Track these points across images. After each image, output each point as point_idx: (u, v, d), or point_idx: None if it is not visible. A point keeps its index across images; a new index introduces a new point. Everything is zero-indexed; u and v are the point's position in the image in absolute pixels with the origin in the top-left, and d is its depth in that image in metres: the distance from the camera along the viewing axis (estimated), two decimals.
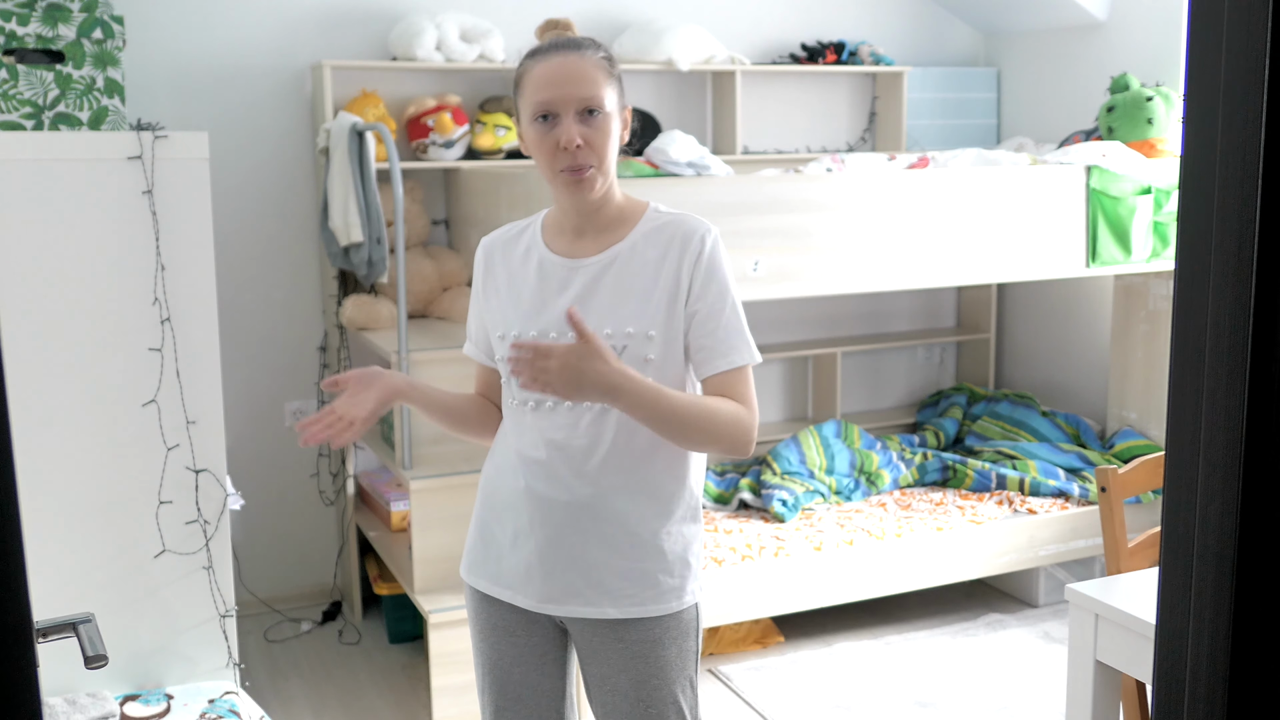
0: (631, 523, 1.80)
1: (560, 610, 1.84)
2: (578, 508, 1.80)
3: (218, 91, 3.88)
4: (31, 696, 0.67)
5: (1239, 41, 0.63)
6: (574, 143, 1.73)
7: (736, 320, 1.81)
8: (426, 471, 3.30)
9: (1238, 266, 0.64)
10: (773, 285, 3.35)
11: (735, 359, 1.79)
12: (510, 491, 1.85)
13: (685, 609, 1.85)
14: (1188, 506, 0.68)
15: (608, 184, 1.81)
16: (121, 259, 2.51)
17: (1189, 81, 0.66)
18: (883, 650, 3.74)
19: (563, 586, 1.82)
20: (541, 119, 1.76)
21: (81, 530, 2.54)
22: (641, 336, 1.77)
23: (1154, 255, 3.82)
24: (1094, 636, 2.17)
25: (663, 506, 1.82)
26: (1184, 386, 0.68)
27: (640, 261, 1.80)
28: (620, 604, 1.81)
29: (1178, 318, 0.68)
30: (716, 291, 1.78)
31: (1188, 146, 0.66)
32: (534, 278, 1.85)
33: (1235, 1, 0.63)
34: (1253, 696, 0.67)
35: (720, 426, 1.74)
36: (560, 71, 1.76)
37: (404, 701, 3.46)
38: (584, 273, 1.82)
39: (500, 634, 1.90)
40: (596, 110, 1.75)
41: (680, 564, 1.84)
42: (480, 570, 1.91)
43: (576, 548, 1.81)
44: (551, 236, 1.88)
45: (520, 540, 1.84)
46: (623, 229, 1.83)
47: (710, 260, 1.78)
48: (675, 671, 1.85)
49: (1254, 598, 0.66)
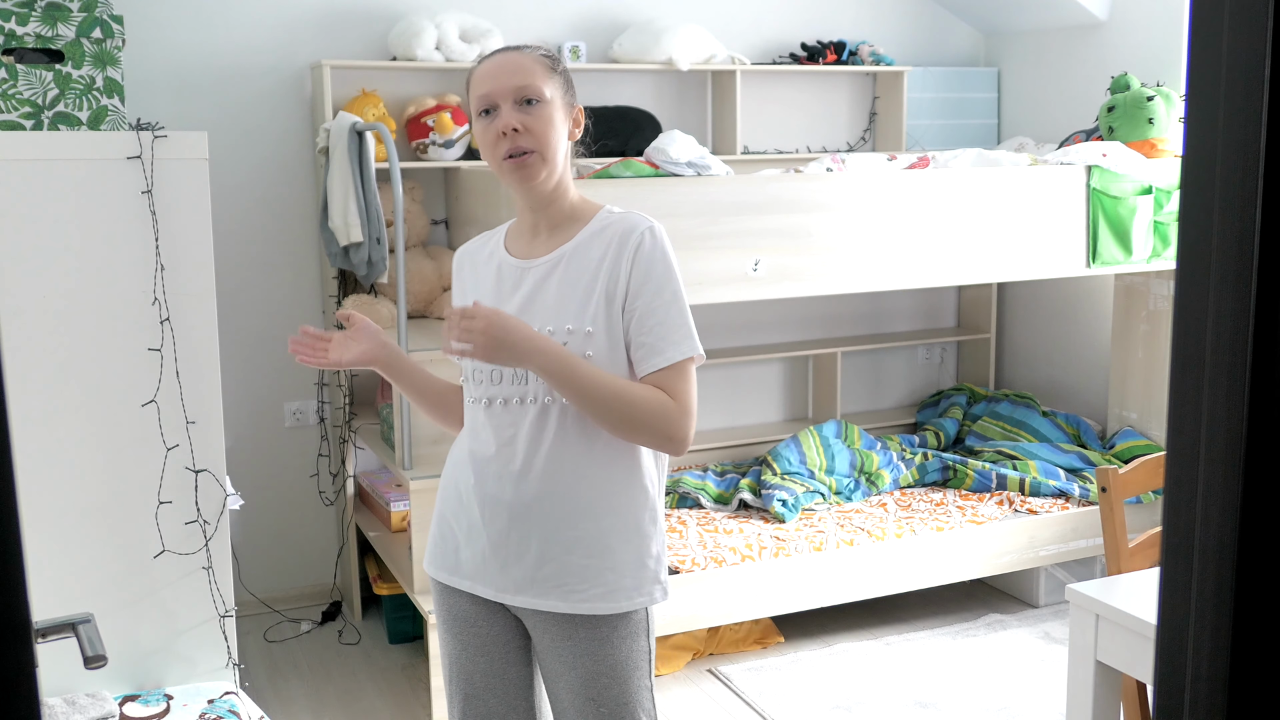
0: (578, 521, 1.83)
1: (514, 601, 1.87)
2: (524, 506, 1.84)
3: (217, 91, 3.88)
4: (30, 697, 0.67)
5: (1240, 41, 0.62)
6: (510, 126, 1.79)
7: (677, 315, 1.81)
8: (426, 471, 3.30)
9: (1239, 266, 0.64)
10: (773, 285, 3.35)
11: (672, 354, 1.80)
12: (464, 487, 1.91)
13: (635, 610, 1.86)
14: (1188, 506, 0.68)
15: (553, 175, 1.85)
16: (121, 259, 2.51)
17: (1190, 81, 0.66)
18: (883, 650, 3.73)
19: (515, 578, 1.86)
20: (484, 114, 1.83)
21: (81, 530, 2.54)
22: (581, 334, 1.80)
23: (1154, 255, 3.82)
24: (1094, 637, 2.17)
25: (610, 506, 1.84)
26: (1184, 386, 0.68)
27: (583, 260, 1.84)
28: (569, 599, 1.83)
29: (1178, 318, 0.68)
30: (654, 288, 1.80)
31: (1188, 146, 0.66)
32: (492, 280, 1.92)
33: (1236, 1, 0.63)
34: (1253, 697, 0.67)
35: (641, 412, 1.76)
36: (497, 66, 1.84)
37: (404, 702, 3.45)
38: (534, 273, 1.87)
39: (462, 624, 1.93)
40: (534, 99, 1.81)
41: (634, 565, 1.85)
42: (440, 562, 1.96)
43: (525, 543, 1.84)
44: (512, 240, 1.94)
45: (474, 533, 1.90)
46: (573, 229, 1.88)
47: (648, 256, 1.80)
48: (626, 671, 1.86)
49: (1255, 598, 0.66)
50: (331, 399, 4.09)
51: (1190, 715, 0.69)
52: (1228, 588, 0.66)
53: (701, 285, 3.22)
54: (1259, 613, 0.66)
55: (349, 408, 3.95)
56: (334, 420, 4.09)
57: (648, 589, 1.86)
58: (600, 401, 1.75)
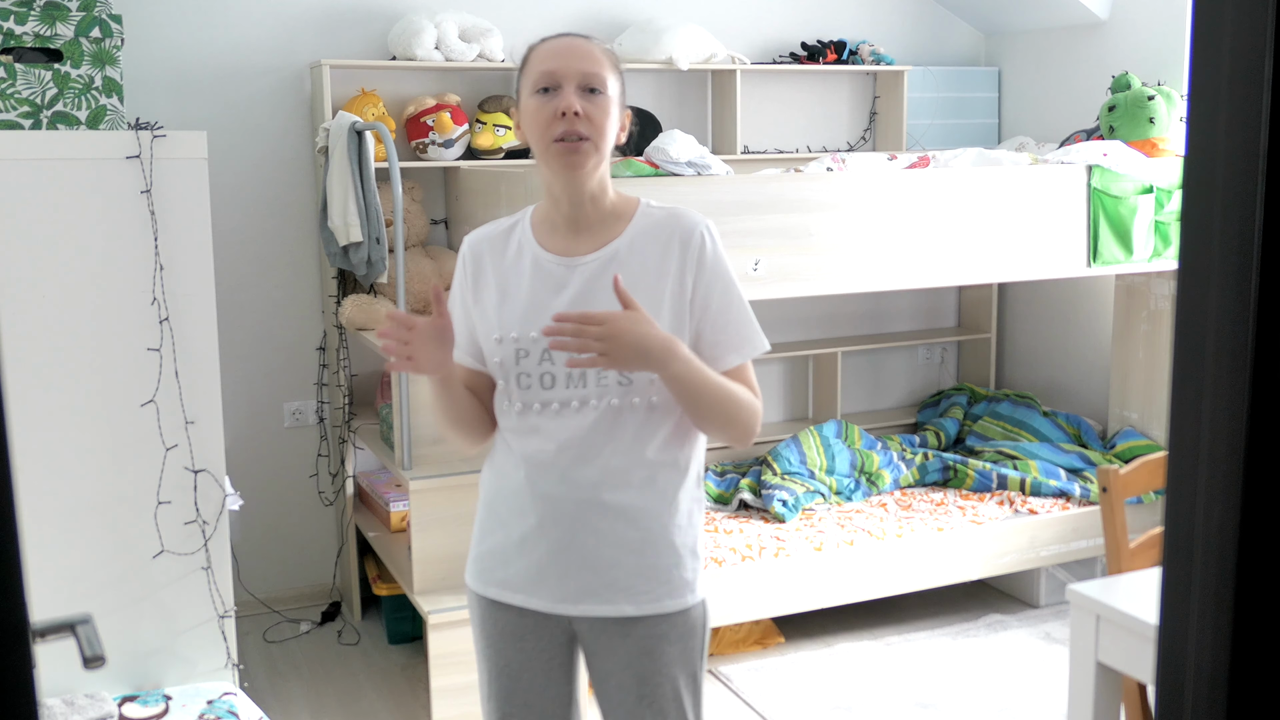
0: (641, 519, 1.79)
1: (575, 610, 1.82)
2: (588, 506, 1.78)
3: (216, 91, 3.88)
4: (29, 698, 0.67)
5: (1242, 40, 0.62)
6: (572, 108, 1.72)
7: (745, 312, 1.83)
8: (426, 472, 3.30)
9: (1240, 266, 0.63)
10: (773, 285, 3.35)
11: (747, 351, 1.82)
12: (515, 495, 1.83)
13: (695, 605, 1.85)
14: (1189, 507, 0.68)
15: (601, 168, 1.79)
16: (120, 259, 2.51)
17: (1191, 80, 0.66)
18: (883, 651, 3.73)
19: (578, 586, 1.80)
20: (542, 91, 1.75)
21: (80, 530, 2.54)
22: None
23: (1155, 255, 3.82)
24: (1095, 637, 2.16)
25: (668, 502, 1.81)
26: (1185, 386, 0.68)
27: (640, 259, 1.78)
28: (636, 600, 1.79)
29: (1179, 318, 0.68)
30: (723, 287, 1.80)
31: (1190, 146, 0.66)
32: (528, 277, 1.81)
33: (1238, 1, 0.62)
34: (1254, 697, 0.67)
35: (742, 411, 1.78)
36: (567, 47, 1.78)
37: (403, 702, 3.45)
38: (582, 271, 1.79)
39: (509, 640, 1.86)
40: (598, 90, 1.75)
41: (690, 556, 1.84)
42: (488, 577, 1.87)
43: (589, 547, 1.79)
44: (544, 234, 1.84)
45: (529, 543, 1.82)
46: (618, 225, 1.81)
47: (713, 256, 1.80)
48: (678, 668, 1.84)
49: (1255, 598, 0.66)
50: (331, 399, 4.09)
51: (1191, 716, 0.69)
52: (1228, 588, 0.66)
53: None
54: (1259, 613, 0.66)
55: (348, 408, 3.94)
56: (333, 420, 4.08)
57: (701, 579, 1.87)
58: (715, 403, 1.75)
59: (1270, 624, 0.65)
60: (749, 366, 1.84)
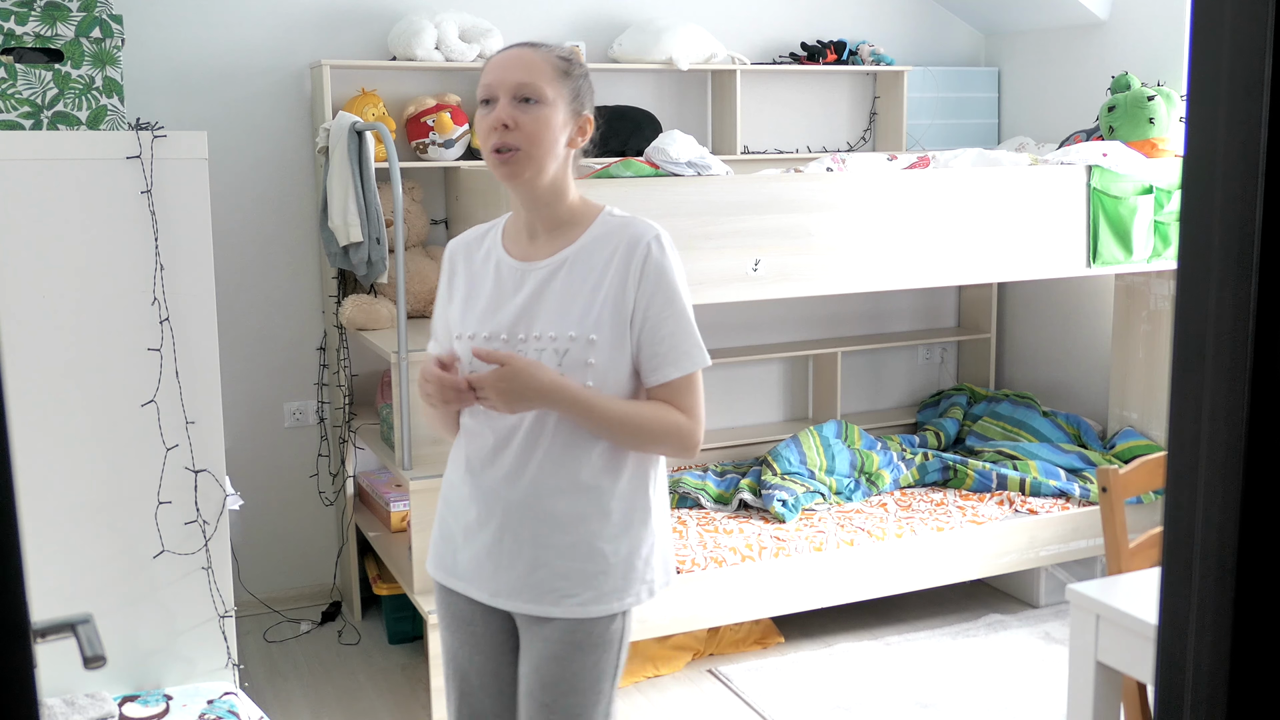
0: (569, 524, 1.83)
1: (509, 604, 1.88)
2: (520, 506, 1.84)
3: (217, 91, 3.88)
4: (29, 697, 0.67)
5: (1241, 40, 0.62)
6: (500, 121, 1.78)
7: (685, 325, 1.83)
8: (426, 472, 3.30)
9: (1239, 266, 0.63)
10: (773, 285, 3.35)
11: (684, 365, 1.83)
12: (462, 488, 1.92)
13: (615, 614, 1.86)
14: (1189, 507, 0.68)
15: (541, 177, 1.82)
16: (120, 259, 2.51)
17: (1191, 80, 0.66)
18: (883, 651, 3.73)
19: (509, 582, 1.86)
20: (484, 104, 1.83)
21: (80, 530, 2.54)
22: (583, 340, 1.80)
23: (1155, 255, 3.82)
24: (1095, 637, 2.16)
25: (600, 509, 1.84)
26: (1185, 386, 0.68)
27: (587, 265, 1.83)
28: (561, 604, 1.83)
29: (1179, 318, 0.68)
30: (663, 299, 1.81)
31: (1189, 146, 0.66)
32: (491, 280, 1.90)
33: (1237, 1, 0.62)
34: (1254, 697, 0.67)
35: (656, 432, 1.82)
36: (505, 59, 1.84)
37: (403, 702, 3.45)
38: (535, 276, 1.85)
39: (460, 624, 1.95)
40: (533, 99, 1.79)
41: (623, 566, 1.85)
42: (439, 564, 1.97)
43: (520, 545, 1.85)
44: (510, 239, 1.92)
45: (471, 534, 1.90)
46: (574, 232, 1.86)
47: (657, 266, 1.81)
48: (587, 682, 1.85)
49: (1255, 598, 0.66)
50: (331, 399, 4.09)
51: (1191, 716, 0.69)
52: (1228, 588, 0.66)
53: (701, 285, 3.22)
54: (1259, 613, 0.66)
55: (349, 408, 3.94)
56: (334, 420, 4.08)
57: (634, 590, 1.86)
58: (618, 430, 1.80)
59: (1270, 624, 0.65)
60: (687, 384, 1.84)
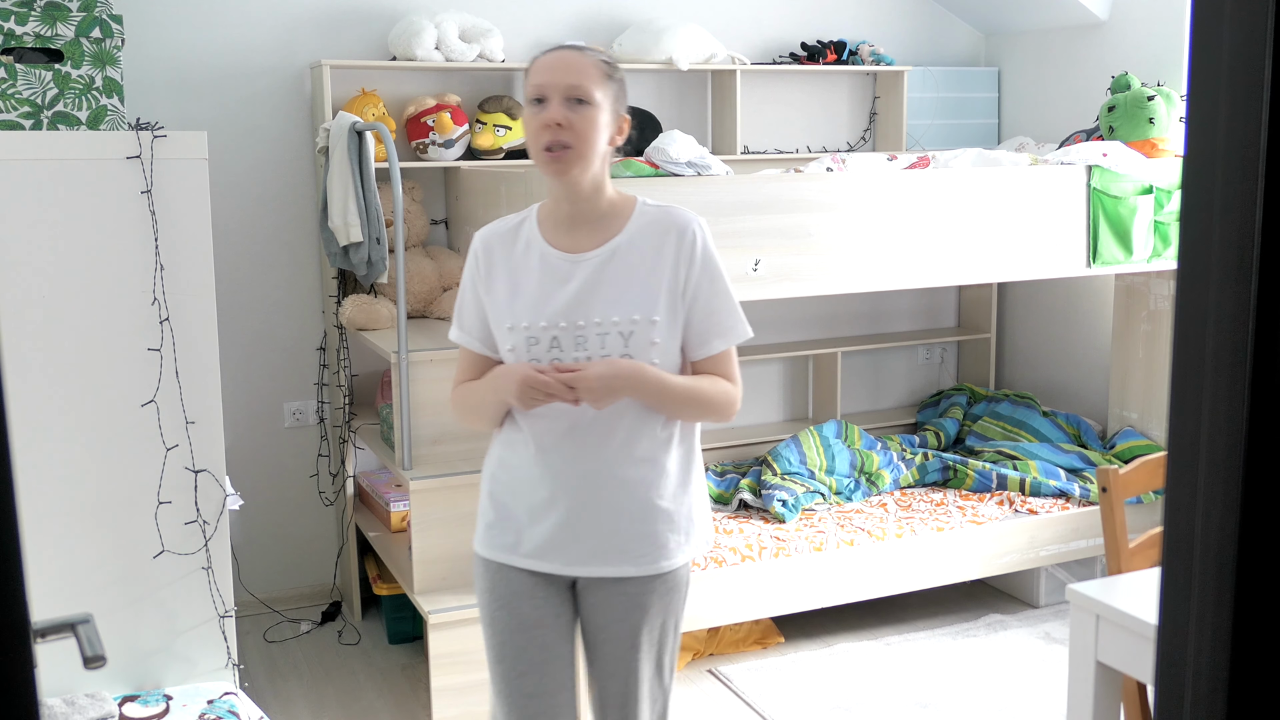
0: (638, 489, 1.99)
1: (583, 571, 2.02)
2: (594, 479, 1.99)
3: (217, 91, 3.88)
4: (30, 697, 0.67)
5: (1241, 40, 0.62)
6: (554, 120, 1.90)
7: (730, 301, 2.02)
8: (426, 472, 3.30)
9: (1239, 266, 0.64)
10: (773, 285, 3.35)
11: (730, 338, 2.02)
12: (531, 469, 2.01)
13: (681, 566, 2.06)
14: (1189, 507, 0.68)
15: (589, 173, 1.96)
16: (120, 259, 2.51)
17: (1191, 80, 0.66)
18: (883, 651, 3.73)
19: (585, 550, 2.00)
20: (535, 102, 1.94)
21: (80, 530, 2.54)
22: (646, 322, 1.95)
23: (1155, 255, 3.82)
24: (1095, 637, 2.16)
25: (660, 470, 2.01)
26: (1185, 386, 0.68)
27: (639, 253, 1.98)
28: (637, 562, 2.01)
29: (1179, 318, 0.68)
30: (710, 278, 1.99)
31: (1189, 146, 0.66)
32: (536, 271, 1.99)
33: (1237, 1, 0.62)
34: (1254, 697, 0.67)
35: (714, 403, 2.02)
36: (555, 61, 1.95)
37: (403, 702, 3.45)
38: (585, 266, 1.97)
39: (521, 597, 2.03)
40: (584, 100, 1.92)
41: (685, 521, 2.05)
42: (498, 542, 2.06)
43: (595, 516, 1.99)
44: (549, 231, 2.02)
45: (539, 513, 2.01)
46: (617, 223, 2.00)
47: (705, 250, 1.99)
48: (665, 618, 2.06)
49: (1255, 598, 0.66)
50: (331, 399, 4.09)
51: (1191, 715, 0.69)
52: (1228, 588, 0.66)
53: None
54: (1259, 613, 0.66)
55: (349, 408, 3.94)
56: (334, 420, 4.08)
57: (694, 541, 2.07)
58: (686, 404, 1.99)
59: (1270, 624, 0.65)
60: (730, 355, 2.04)
